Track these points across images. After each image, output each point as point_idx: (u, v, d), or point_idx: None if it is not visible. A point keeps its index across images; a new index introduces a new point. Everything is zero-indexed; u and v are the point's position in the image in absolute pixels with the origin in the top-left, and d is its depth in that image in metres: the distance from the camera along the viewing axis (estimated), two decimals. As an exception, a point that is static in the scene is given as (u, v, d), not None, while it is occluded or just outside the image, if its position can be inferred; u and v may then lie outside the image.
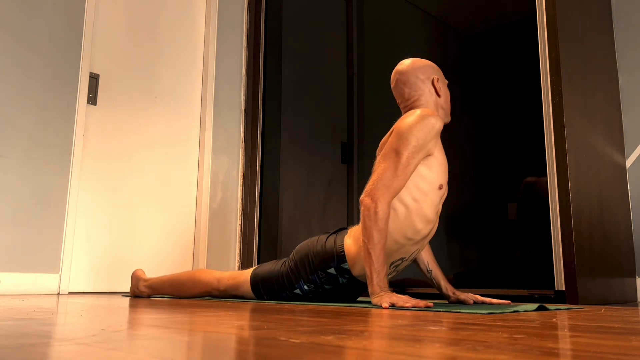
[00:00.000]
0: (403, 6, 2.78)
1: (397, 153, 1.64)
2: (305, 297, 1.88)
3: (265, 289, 1.90)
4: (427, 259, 1.89)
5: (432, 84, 1.80)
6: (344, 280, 1.78)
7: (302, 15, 3.32)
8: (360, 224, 1.68)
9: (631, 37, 2.50)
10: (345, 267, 1.76)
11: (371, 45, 2.89)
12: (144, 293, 2.20)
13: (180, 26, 3.37)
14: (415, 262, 1.91)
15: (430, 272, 1.88)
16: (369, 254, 1.61)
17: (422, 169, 1.68)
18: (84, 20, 2.88)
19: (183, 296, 2.13)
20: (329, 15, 3.14)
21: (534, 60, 2.19)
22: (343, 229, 1.86)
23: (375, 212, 1.60)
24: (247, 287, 1.95)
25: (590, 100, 2.25)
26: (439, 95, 1.80)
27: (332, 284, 1.80)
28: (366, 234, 1.61)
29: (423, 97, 1.79)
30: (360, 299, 2.19)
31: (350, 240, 1.77)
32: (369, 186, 1.66)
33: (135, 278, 2.23)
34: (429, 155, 1.68)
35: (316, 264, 1.80)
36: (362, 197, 1.66)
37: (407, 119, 1.68)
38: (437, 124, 1.66)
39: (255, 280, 1.93)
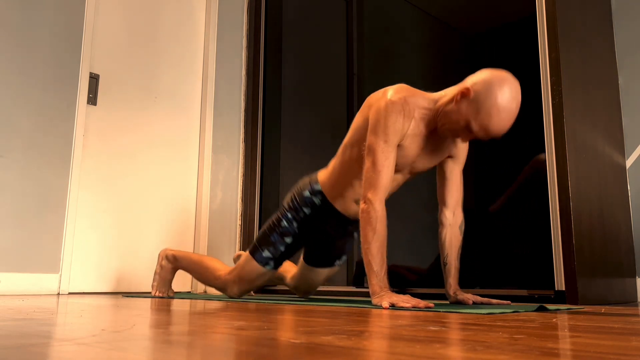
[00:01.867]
0: (403, 6, 2.78)
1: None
2: (293, 232, 2.00)
3: (260, 241, 2.05)
4: (447, 250, 1.85)
5: (464, 87, 1.67)
6: (319, 202, 1.95)
7: (302, 15, 3.32)
8: (332, 166, 1.93)
9: (631, 37, 2.50)
10: (317, 187, 1.95)
11: (371, 45, 2.89)
12: (169, 264, 2.35)
13: (180, 26, 3.37)
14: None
15: (445, 265, 1.86)
16: (366, 254, 1.64)
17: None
18: (84, 20, 2.88)
19: (192, 270, 2.30)
20: (329, 15, 3.14)
21: (534, 60, 2.19)
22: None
23: (368, 213, 1.65)
24: (246, 255, 2.08)
25: (590, 101, 2.25)
26: (468, 97, 1.66)
27: (310, 206, 1.96)
28: (362, 235, 1.66)
29: (452, 99, 1.71)
30: (360, 298, 2.19)
31: (323, 172, 1.99)
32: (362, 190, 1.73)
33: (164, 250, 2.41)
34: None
35: (295, 194, 2.01)
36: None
37: None
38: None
39: (253, 244, 2.09)
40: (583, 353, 0.64)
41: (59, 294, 2.58)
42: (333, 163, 1.94)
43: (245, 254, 2.10)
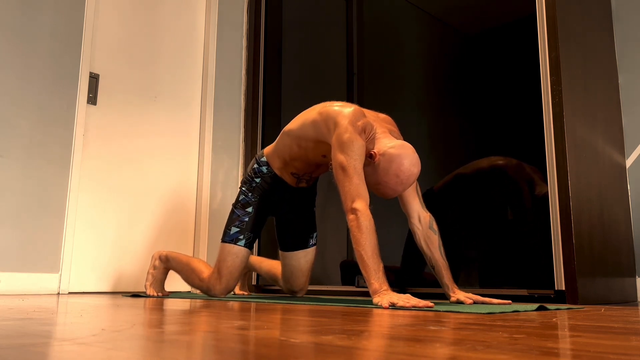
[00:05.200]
0: (403, 6, 2.78)
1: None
2: (252, 202, 2.17)
3: (227, 224, 2.19)
4: (429, 252, 1.89)
5: (370, 153, 1.82)
6: (266, 170, 2.18)
7: (302, 15, 3.32)
8: (276, 143, 2.16)
9: (631, 37, 2.50)
10: (263, 159, 2.19)
11: (371, 45, 2.89)
12: (161, 264, 2.40)
13: (180, 26, 3.37)
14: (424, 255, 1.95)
15: (433, 267, 1.88)
16: (362, 257, 1.67)
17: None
18: (84, 20, 2.87)
19: (180, 271, 2.35)
20: (329, 15, 3.14)
21: (534, 60, 2.19)
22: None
23: (357, 220, 1.71)
24: (219, 246, 2.19)
25: (590, 100, 2.25)
26: (369, 162, 1.83)
27: (259, 175, 2.18)
28: (355, 241, 1.70)
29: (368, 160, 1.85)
30: (360, 298, 2.19)
31: (267, 148, 2.21)
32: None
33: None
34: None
35: (246, 171, 2.25)
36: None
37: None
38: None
39: (222, 233, 2.20)
40: (583, 353, 0.64)
41: (58, 293, 2.59)
42: (274, 144, 2.18)
43: (220, 246, 2.21)
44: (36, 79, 2.67)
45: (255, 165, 2.21)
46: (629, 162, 2.44)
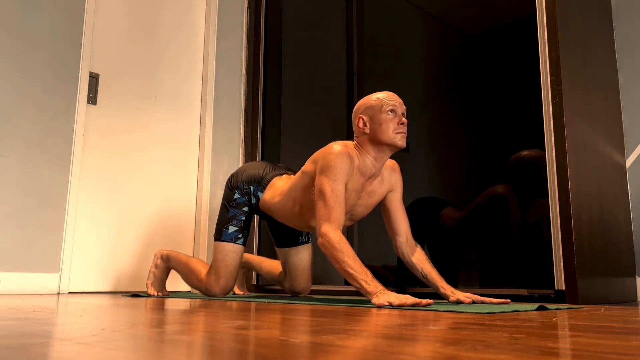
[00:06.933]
0: (403, 6, 2.78)
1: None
2: (247, 203, 2.18)
3: (221, 223, 2.19)
4: (420, 264, 1.91)
5: (357, 125, 1.88)
6: (254, 202, 2.16)
7: (302, 15, 3.32)
8: (290, 183, 2.04)
9: (631, 37, 2.50)
10: (259, 196, 2.14)
11: (371, 45, 2.89)
12: (162, 263, 2.39)
13: (180, 26, 3.37)
14: (412, 269, 1.97)
15: (425, 276, 1.89)
16: (347, 271, 1.68)
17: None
18: (84, 20, 2.87)
19: (180, 271, 2.35)
20: (329, 15, 3.14)
21: (534, 60, 2.19)
22: (286, 171, 2.22)
23: (328, 242, 1.72)
24: (214, 245, 2.19)
25: (590, 100, 2.25)
26: (365, 132, 1.86)
27: (248, 198, 2.17)
28: (333, 261, 1.72)
29: (359, 137, 1.90)
30: (360, 298, 2.19)
31: (278, 187, 2.09)
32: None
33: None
34: None
35: (244, 179, 2.17)
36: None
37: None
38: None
39: (216, 231, 2.21)
40: (583, 352, 0.64)
41: (59, 293, 2.58)
42: (277, 202, 2.09)
43: (214, 244, 2.20)
44: (36, 78, 2.67)
45: (252, 189, 2.17)
46: (629, 162, 2.43)
